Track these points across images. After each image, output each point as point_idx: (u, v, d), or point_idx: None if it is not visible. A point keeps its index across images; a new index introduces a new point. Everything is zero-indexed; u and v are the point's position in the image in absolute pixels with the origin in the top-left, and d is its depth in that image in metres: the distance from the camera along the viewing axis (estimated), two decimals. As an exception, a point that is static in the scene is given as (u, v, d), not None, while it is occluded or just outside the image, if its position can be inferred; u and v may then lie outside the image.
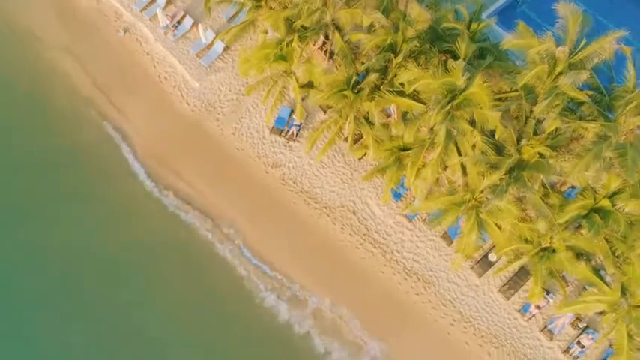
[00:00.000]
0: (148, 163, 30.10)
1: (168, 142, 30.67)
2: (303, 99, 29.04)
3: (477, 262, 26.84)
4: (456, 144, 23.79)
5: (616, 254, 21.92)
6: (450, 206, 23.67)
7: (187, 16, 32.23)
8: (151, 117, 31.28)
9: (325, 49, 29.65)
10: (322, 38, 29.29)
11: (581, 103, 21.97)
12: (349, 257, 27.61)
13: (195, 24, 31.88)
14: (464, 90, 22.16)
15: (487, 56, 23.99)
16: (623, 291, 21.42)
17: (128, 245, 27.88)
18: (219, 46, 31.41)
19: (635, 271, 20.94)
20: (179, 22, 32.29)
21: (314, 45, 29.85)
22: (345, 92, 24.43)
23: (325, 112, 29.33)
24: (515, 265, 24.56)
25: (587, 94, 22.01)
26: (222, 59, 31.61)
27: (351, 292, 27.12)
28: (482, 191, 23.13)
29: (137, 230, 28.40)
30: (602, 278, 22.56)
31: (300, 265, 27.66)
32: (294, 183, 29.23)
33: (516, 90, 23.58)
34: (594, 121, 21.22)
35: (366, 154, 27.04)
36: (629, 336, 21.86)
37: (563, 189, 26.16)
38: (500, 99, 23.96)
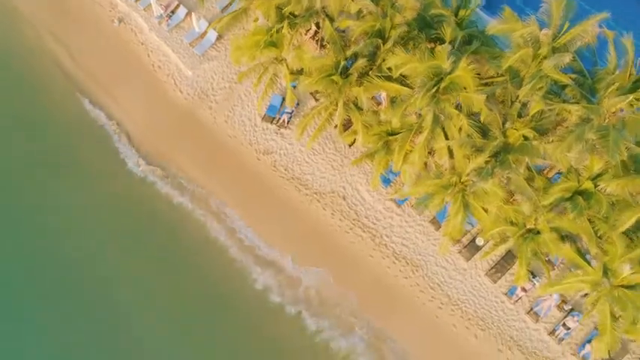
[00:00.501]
0: (141, 149, 30.50)
1: (161, 130, 31.08)
2: (295, 87, 29.67)
3: (465, 247, 27.21)
4: (443, 128, 24.20)
5: (599, 235, 22.25)
6: (437, 189, 24.02)
7: (181, 5, 32.65)
8: (145, 105, 31.68)
9: (317, 38, 30.05)
10: (314, 27, 29.84)
11: (565, 86, 22.34)
12: (339, 242, 27.99)
13: (188, 13, 32.31)
14: (450, 73, 22.60)
15: (474, 42, 24.34)
16: (605, 271, 21.75)
17: (121, 229, 28.33)
18: (212, 35, 31.84)
19: (617, 251, 21.26)
20: (173, 12, 32.71)
21: (306, 34, 30.29)
22: (333, 77, 24.80)
23: (316, 99, 29.74)
24: (502, 249, 24.92)
25: (570, 78, 22.40)
26: (216, 48, 32.03)
27: (341, 275, 27.47)
28: (468, 174, 23.46)
29: (131, 214, 28.85)
30: (585, 259, 22.90)
31: (291, 248, 28.06)
32: (285, 169, 29.62)
33: (502, 75, 23.97)
34: (577, 103, 21.54)
35: (355, 140, 27.40)
36: (613, 316, 22.20)
37: (550, 174, 26.53)
38: (486, 84, 24.29)
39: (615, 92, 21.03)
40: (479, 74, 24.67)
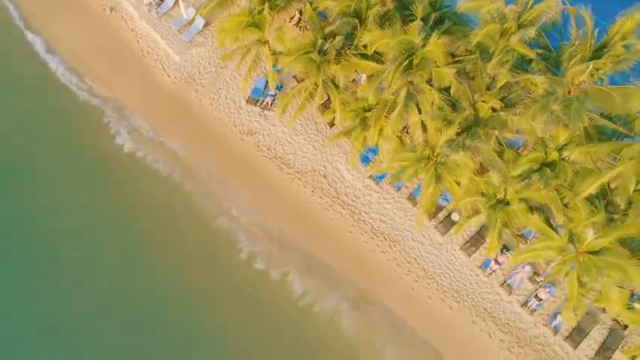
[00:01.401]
0: (130, 131, 31.43)
1: (150, 112, 32.01)
2: (279, 71, 30.74)
3: (441, 222, 27.96)
4: (416, 104, 25.14)
5: (565, 203, 23.02)
6: (411, 162, 24.87)
7: (170, -6, 33.87)
8: (134, 89, 32.65)
9: (300, 25, 31.11)
10: (297, 15, 30.97)
11: (531, 60, 23.29)
12: (319, 218, 28.75)
13: (176, 1, 33.43)
14: (421, 49, 23.57)
15: (446, 21, 25.36)
16: (571, 237, 22.48)
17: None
18: (199, 22, 32.96)
19: (581, 216, 22.01)
20: (162, 0, 33.87)
21: (290, 21, 31.41)
22: (311, 55, 25.79)
23: (298, 82, 30.68)
24: (474, 222, 25.63)
25: (536, 53, 23.38)
26: (203, 35, 33.10)
27: (321, 251, 28.20)
28: (440, 147, 24.30)
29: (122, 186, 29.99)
30: (553, 229, 23.62)
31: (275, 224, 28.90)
32: (268, 149, 30.49)
33: (473, 52, 24.96)
34: (541, 74, 22.46)
35: (334, 118, 28.31)
36: (580, 282, 22.88)
37: (525, 152, 27.36)
38: (458, 61, 25.30)
39: (579, 63, 21.92)
40: (452, 54, 25.87)
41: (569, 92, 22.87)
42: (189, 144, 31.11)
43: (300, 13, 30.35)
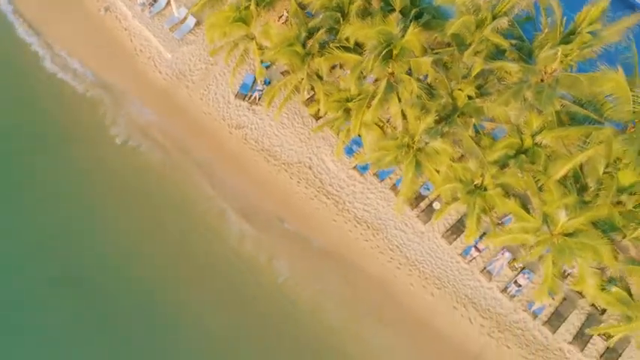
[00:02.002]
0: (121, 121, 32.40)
1: (145, 110, 32.91)
2: (268, 68, 31.77)
3: (423, 211, 28.60)
4: (397, 94, 25.99)
5: (539, 186, 23.69)
6: (391, 149, 25.61)
7: (163, -6, 35.04)
8: (127, 84, 33.60)
9: (288, 23, 32.12)
10: (285, 13, 32.05)
11: (505, 51, 24.17)
12: (304, 207, 29.43)
13: (169, 1, 34.56)
14: (400, 39, 24.48)
15: (424, 15, 26.32)
16: (545, 219, 23.09)
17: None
18: (191, 21, 34.05)
19: (554, 197, 22.65)
20: (155, 0, 35.02)
21: (278, 20, 32.49)
22: (295, 48, 26.71)
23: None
24: (453, 208, 26.24)
25: (510, 43, 24.29)
26: (194, 33, 34.15)
27: (304, 237, 28.86)
28: (420, 134, 25.06)
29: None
30: (529, 213, 24.25)
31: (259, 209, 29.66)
32: (255, 142, 31.29)
33: (451, 45, 25.87)
34: (514, 62, 23.32)
35: (319, 110, 29.14)
36: (555, 264, 23.42)
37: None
38: (436, 54, 26.17)
39: (547, 50, 22.77)
40: (432, 47, 26.77)
41: (542, 80, 23.74)
42: (179, 139, 31.99)
43: (288, 11, 31.42)
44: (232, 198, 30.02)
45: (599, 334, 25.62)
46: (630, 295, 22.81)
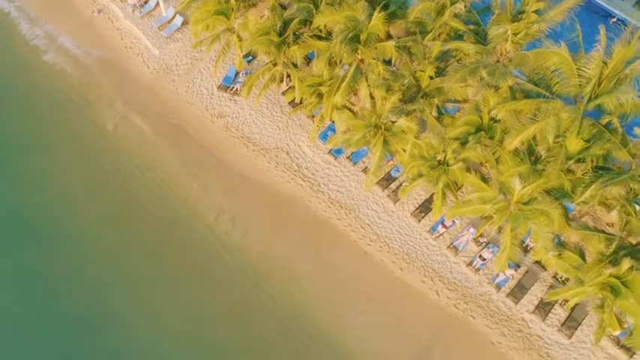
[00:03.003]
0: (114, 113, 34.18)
1: (131, 98, 34.73)
2: (250, 62, 33.79)
3: (393, 192, 30.02)
4: (365, 77, 27.81)
5: (496, 158, 25.20)
6: (360, 128, 27.23)
7: (152, -4, 37.40)
8: (118, 79, 35.52)
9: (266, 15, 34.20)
10: (267, 12, 34.17)
11: (463, 34, 26.07)
12: (281, 189, 30.88)
13: (157, 3, 36.84)
14: (367, 26, 26.41)
15: (391, 6, 28.33)
16: (501, 188, 24.51)
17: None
18: (178, 20, 36.28)
19: (509, 167, 24.12)
20: (145, 2, 37.32)
21: (261, 19, 34.60)
22: (270, 36, 28.65)
23: (266, 70, 33.51)
24: (420, 184, 27.65)
25: (469, 28, 26.22)
26: (181, 32, 36.33)
27: (280, 217, 30.17)
28: (386, 113, 26.70)
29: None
30: (488, 184, 25.69)
31: (237, 196, 30.99)
32: (236, 130, 32.97)
33: (414, 33, 27.81)
34: (470, 42, 25.16)
35: (294, 98, 30.92)
36: (513, 232, 24.72)
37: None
38: (400, 39, 28.07)
39: (502, 33, 24.65)
40: (398, 36, 28.67)
41: (497, 61, 25.55)
42: (163, 126, 33.69)
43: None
44: (193, 164, 31.81)
45: (560, 304, 26.73)
46: (584, 260, 23.99)
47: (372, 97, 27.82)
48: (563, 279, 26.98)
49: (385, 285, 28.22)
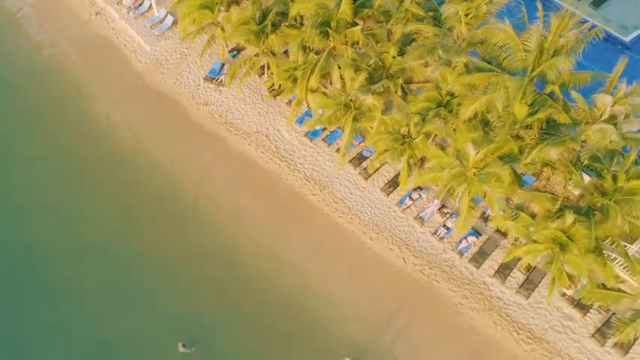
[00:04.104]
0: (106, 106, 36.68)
1: (124, 89, 37.33)
2: (234, 57, 36.51)
3: (365, 169, 32.13)
4: (337, 65, 30.32)
5: (454, 128, 27.40)
6: (331, 106, 29.59)
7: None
8: (113, 73, 38.21)
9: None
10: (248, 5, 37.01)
11: (423, 19, 28.70)
12: (261, 168, 33.05)
13: (151, 4, 39.88)
14: (337, 13, 29.09)
15: (361, -1, 31.11)
16: (458, 155, 26.59)
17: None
18: (169, 20, 39.28)
19: (462, 134, 26.26)
20: (140, 4, 40.37)
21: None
22: (250, 26, 31.35)
23: (250, 63, 36.15)
24: (386, 159, 29.70)
25: (429, 15, 28.87)
26: (171, 30, 39.26)
27: (260, 193, 32.24)
28: (354, 92, 29.07)
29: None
30: (447, 155, 27.78)
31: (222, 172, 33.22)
32: (220, 116, 35.37)
33: (380, 22, 30.48)
34: (428, 25, 27.76)
35: (273, 84, 33.44)
36: (470, 199, 26.69)
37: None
38: (370, 29, 30.72)
39: (454, 17, 27.27)
40: (370, 28, 31.28)
41: (454, 42, 28.09)
42: (152, 114, 36.14)
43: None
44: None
45: (519, 269, 28.41)
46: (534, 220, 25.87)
47: (342, 80, 30.25)
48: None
49: (356, 253, 30.00)
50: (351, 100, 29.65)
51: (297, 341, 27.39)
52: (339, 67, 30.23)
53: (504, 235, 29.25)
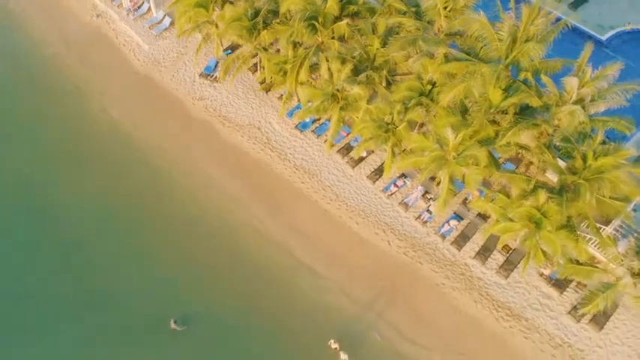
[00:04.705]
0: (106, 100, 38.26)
1: (123, 86, 38.91)
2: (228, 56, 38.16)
3: (352, 159, 33.48)
4: (325, 56, 31.90)
5: (434, 115, 28.83)
6: (319, 96, 31.06)
7: (145, 1, 42.22)
8: (112, 70, 39.85)
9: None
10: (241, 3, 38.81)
11: (406, 13, 30.36)
12: (252, 157, 34.42)
13: (149, 7, 41.73)
14: (324, 9, 30.79)
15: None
16: (438, 140, 27.94)
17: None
18: (167, 21, 41.06)
19: (441, 119, 27.66)
20: (139, 7, 42.23)
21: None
22: (242, 22, 33.03)
23: (243, 59, 37.80)
24: (369, 144, 30.96)
25: (411, 10, 30.53)
26: (169, 31, 41.02)
27: (251, 181, 33.55)
28: (341, 83, 30.56)
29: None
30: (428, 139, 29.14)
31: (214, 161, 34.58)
32: (214, 110, 36.87)
33: (365, 17, 32.20)
34: (410, 19, 29.39)
35: (265, 79, 35.02)
36: (450, 180, 27.97)
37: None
38: (356, 25, 32.40)
39: (433, 9, 28.96)
40: (356, 24, 32.93)
41: (434, 34, 29.72)
42: (151, 109, 37.67)
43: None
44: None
45: (498, 250, 29.55)
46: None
47: (330, 72, 31.79)
48: (501, 228, 29.91)
49: (343, 237, 31.18)
50: (338, 91, 31.18)
51: (284, 321, 28.44)
52: (327, 60, 31.80)
53: (485, 218, 30.48)
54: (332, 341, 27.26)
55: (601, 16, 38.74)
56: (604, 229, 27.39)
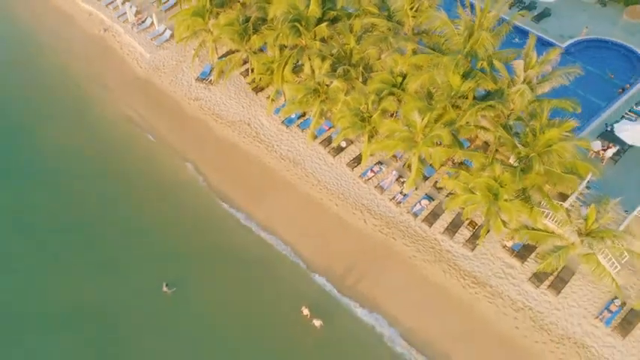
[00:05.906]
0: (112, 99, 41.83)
1: (127, 89, 42.52)
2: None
3: (333, 149, 36.52)
4: (308, 56, 35.50)
5: (404, 102, 32.06)
6: (302, 90, 34.43)
7: (149, 17, 46.44)
8: (117, 76, 43.57)
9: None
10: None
11: (378, 15, 34.13)
12: (242, 149, 37.52)
13: (152, 22, 45.93)
14: (306, 12, 34.61)
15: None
16: (407, 123, 31.04)
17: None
18: (167, 33, 45.14)
19: (409, 104, 30.83)
20: (143, 21, 46.42)
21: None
22: (234, 27, 36.85)
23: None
24: (347, 133, 33.99)
25: (382, 15, 34.34)
26: (169, 42, 45.02)
27: (237, 171, 36.53)
28: (321, 77, 34.02)
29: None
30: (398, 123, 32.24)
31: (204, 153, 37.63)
32: (208, 109, 40.28)
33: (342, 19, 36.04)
34: (382, 19, 33.10)
35: (254, 79, 38.58)
36: (420, 160, 30.92)
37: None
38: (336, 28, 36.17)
39: (402, 9, 32.73)
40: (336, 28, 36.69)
41: (404, 33, 33.40)
42: (152, 107, 41.12)
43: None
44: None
45: (465, 226, 32.09)
46: (473, 176, 29.95)
47: (312, 69, 35.32)
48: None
49: (323, 217, 33.83)
50: (319, 85, 34.58)
51: (262, 290, 30.94)
52: (309, 59, 35.37)
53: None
54: (303, 307, 29.48)
55: (561, 27, 42.60)
56: (562, 204, 30.04)
